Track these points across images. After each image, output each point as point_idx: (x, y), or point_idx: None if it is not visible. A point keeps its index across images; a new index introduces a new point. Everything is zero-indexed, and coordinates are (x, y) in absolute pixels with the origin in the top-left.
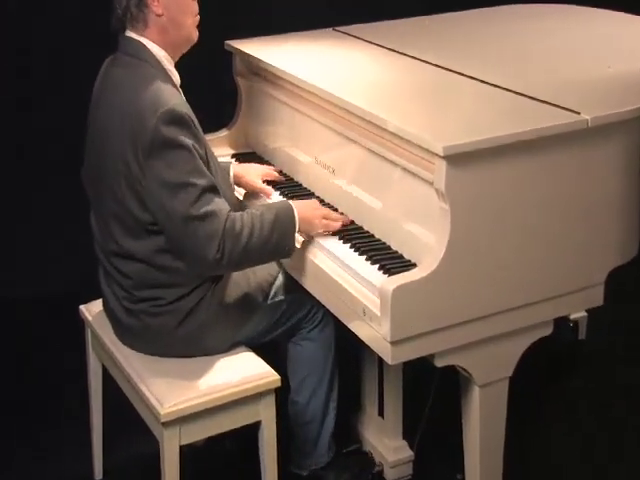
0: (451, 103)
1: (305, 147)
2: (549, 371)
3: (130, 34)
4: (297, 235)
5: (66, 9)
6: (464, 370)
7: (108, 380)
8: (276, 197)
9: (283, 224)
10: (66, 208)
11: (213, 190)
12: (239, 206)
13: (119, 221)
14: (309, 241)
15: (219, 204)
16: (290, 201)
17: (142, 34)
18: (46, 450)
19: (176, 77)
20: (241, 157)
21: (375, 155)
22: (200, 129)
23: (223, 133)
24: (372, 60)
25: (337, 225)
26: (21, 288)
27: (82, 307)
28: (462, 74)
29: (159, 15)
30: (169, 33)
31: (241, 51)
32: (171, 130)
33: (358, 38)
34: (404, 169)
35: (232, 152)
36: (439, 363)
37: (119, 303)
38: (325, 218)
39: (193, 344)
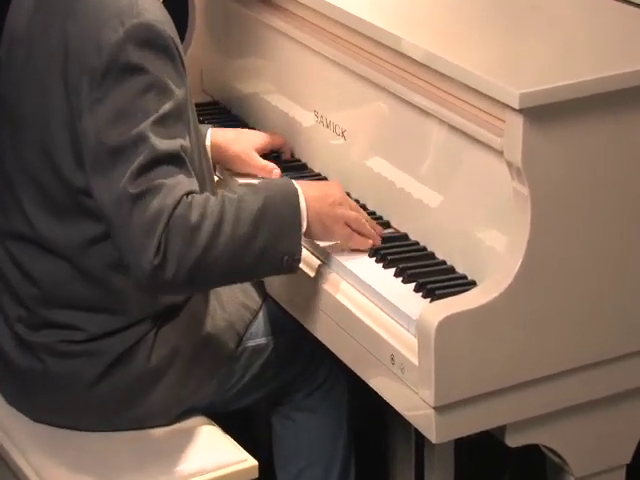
0: (532, 27)
1: (300, 95)
2: None
3: None
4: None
5: None
6: (553, 453)
7: None
8: None
9: (278, 216)
10: None
11: (179, 163)
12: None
13: (38, 187)
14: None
15: (177, 180)
16: (294, 181)
17: None
18: None
19: None
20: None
21: (410, 108)
22: (185, 66)
23: None
24: None
25: (367, 242)
26: None
27: None
28: None
29: None
30: None
31: None
32: (143, 54)
33: None
34: (455, 130)
35: None
36: (513, 442)
37: (8, 327)
38: (349, 224)
39: (121, 410)
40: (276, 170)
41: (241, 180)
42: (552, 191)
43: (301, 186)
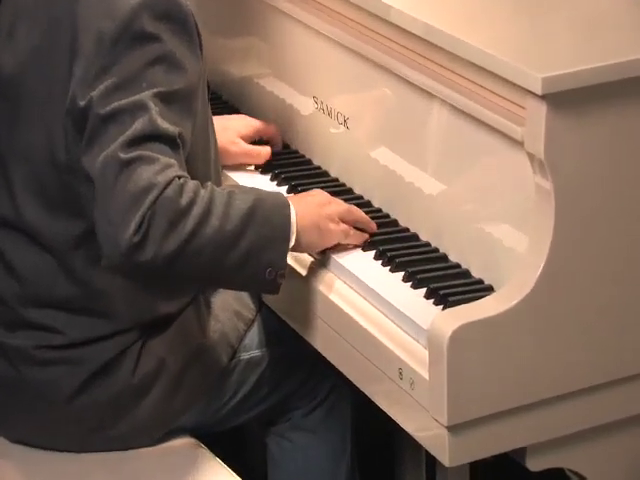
0: (554, 4)
1: (298, 79)
2: None
3: None
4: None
5: None
6: (580, 477)
7: None
8: (264, 181)
9: (267, 220)
10: None
11: (174, 148)
12: None
13: (32, 172)
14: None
15: (171, 162)
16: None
17: None
18: None
19: None
20: None
21: (420, 94)
22: (202, 50)
23: None
24: None
25: (364, 236)
26: None
27: None
28: None
29: None
30: None
31: None
32: (160, 26)
33: None
34: (470, 118)
35: None
36: (535, 465)
37: None
38: (342, 219)
39: (102, 427)
40: (264, 150)
41: (232, 174)
42: (578, 186)
43: (293, 202)
